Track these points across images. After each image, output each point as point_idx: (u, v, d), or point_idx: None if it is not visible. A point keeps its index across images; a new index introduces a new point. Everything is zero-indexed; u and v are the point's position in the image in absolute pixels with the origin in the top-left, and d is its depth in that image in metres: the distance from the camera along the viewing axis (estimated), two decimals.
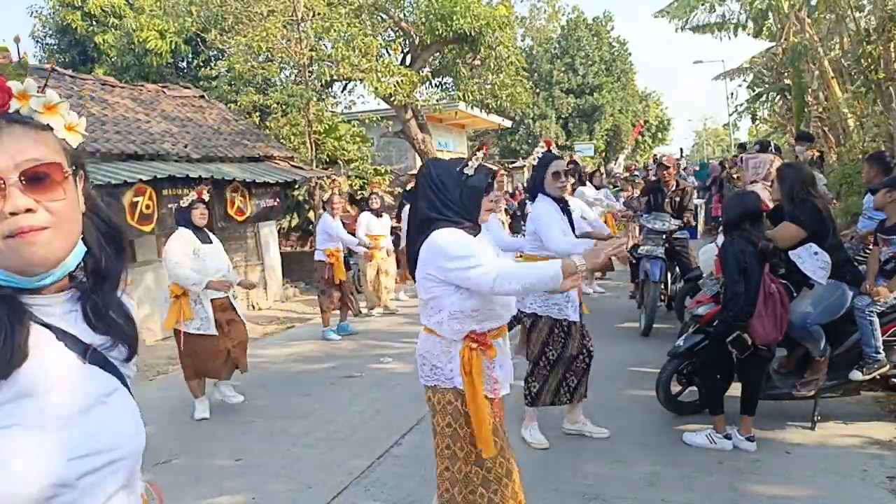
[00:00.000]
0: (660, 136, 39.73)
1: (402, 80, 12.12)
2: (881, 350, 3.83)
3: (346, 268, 7.77)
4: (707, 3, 13.59)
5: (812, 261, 3.78)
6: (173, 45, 14.16)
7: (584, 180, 9.41)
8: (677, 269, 6.93)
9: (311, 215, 12.29)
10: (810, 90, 13.45)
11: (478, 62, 13.81)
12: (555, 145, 4.20)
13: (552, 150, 3.98)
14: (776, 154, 7.31)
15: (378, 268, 8.57)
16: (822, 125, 13.48)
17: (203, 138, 9.64)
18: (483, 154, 2.42)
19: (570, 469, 3.70)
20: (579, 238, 4.07)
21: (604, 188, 10.40)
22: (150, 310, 7.84)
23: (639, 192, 9.38)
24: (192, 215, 4.91)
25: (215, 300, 4.92)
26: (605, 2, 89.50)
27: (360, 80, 12.34)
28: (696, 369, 4.16)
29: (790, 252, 3.87)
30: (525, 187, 15.20)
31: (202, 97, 11.53)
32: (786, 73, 14.99)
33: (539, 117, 30.75)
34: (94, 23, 15.62)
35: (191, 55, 14.86)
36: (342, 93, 14.86)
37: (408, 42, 14.16)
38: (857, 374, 3.89)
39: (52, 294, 0.98)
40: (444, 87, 15.65)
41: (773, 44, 15.18)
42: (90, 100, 7.47)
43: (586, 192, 8.88)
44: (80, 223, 0.99)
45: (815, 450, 3.74)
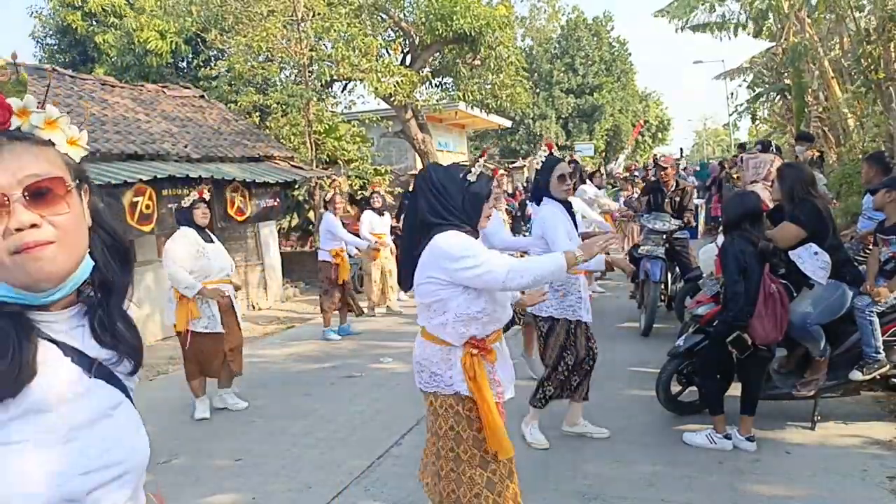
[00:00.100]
0: (660, 136, 39.75)
1: (402, 80, 12.12)
2: (881, 350, 3.83)
3: None
4: (707, 3, 13.58)
5: (812, 261, 3.78)
6: (173, 45, 14.15)
7: (584, 178, 9.41)
8: (677, 269, 6.93)
9: (311, 215, 12.29)
10: (810, 90, 13.46)
11: (478, 62, 13.80)
12: (555, 146, 4.21)
13: (554, 152, 3.99)
14: (776, 154, 7.32)
15: (382, 268, 8.54)
16: (822, 125, 13.48)
17: (203, 138, 9.63)
18: (484, 160, 2.44)
19: (570, 469, 3.70)
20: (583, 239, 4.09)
21: (603, 188, 10.40)
22: (150, 310, 7.84)
23: (639, 192, 9.39)
24: (194, 215, 4.92)
25: (221, 300, 4.94)
26: (605, 2, 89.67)
27: (360, 80, 12.33)
28: (696, 369, 4.16)
29: (790, 252, 3.87)
30: (525, 187, 15.25)
31: (202, 97, 11.52)
32: (786, 73, 15.00)
33: (539, 117, 30.78)
34: (95, 23, 15.62)
35: (191, 55, 14.85)
36: (342, 93, 14.88)
37: (408, 42, 14.15)
38: (857, 374, 3.89)
39: (60, 310, 0.97)
40: (444, 87, 15.63)
41: (773, 44, 15.19)
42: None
43: (587, 189, 8.89)
44: (87, 237, 0.98)
45: (815, 450, 3.74)
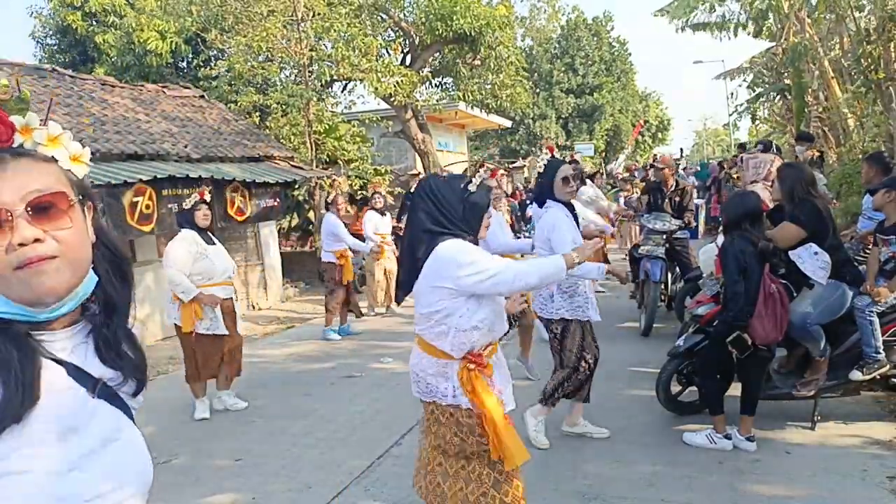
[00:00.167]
0: (660, 136, 39.73)
1: (402, 80, 12.11)
2: (881, 350, 3.83)
3: None
4: (707, 3, 13.57)
5: (812, 261, 3.78)
6: (173, 45, 14.13)
7: (584, 179, 9.39)
8: (677, 269, 6.93)
9: (311, 215, 12.29)
10: (810, 90, 13.46)
11: (478, 62, 13.79)
12: (555, 147, 4.23)
13: (555, 155, 4.00)
14: (776, 154, 7.32)
15: (385, 268, 8.52)
16: (822, 125, 13.48)
17: (203, 138, 9.63)
18: (485, 171, 2.48)
19: (570, 469, 3.70)
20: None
21: (602, 188, 10.40)
22: (150, 310, 7.85)
23: (639, 192, 9.39)
24: (195, 217, 4.92)
25: (223, 302, 4.95)
26: (605, 2, 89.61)
27: (360, 80, 12.32)
28: (696, 369, 4.16)
29: (790, 252, 3.87)
30: (525, 187, 15.24)
31: (202, 97, 11.52)
32: (786, 73, 14.99)
33: (539, 117, 30.76)
34: (95, 23, 15.61)
35: (191, 55, 14.83)
36: (342, 93, 14.84)
37: (408, 42, 14.14)
38: (857, 374, 3.89)
39: (62, 328, 0.97)
40: (444, 87, 15.61)
41: (773, 44, 15.18)
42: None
43: (587, 190, 8.87)
44: (90, 252, 0.98)
45: (815, 450, 3.75)
